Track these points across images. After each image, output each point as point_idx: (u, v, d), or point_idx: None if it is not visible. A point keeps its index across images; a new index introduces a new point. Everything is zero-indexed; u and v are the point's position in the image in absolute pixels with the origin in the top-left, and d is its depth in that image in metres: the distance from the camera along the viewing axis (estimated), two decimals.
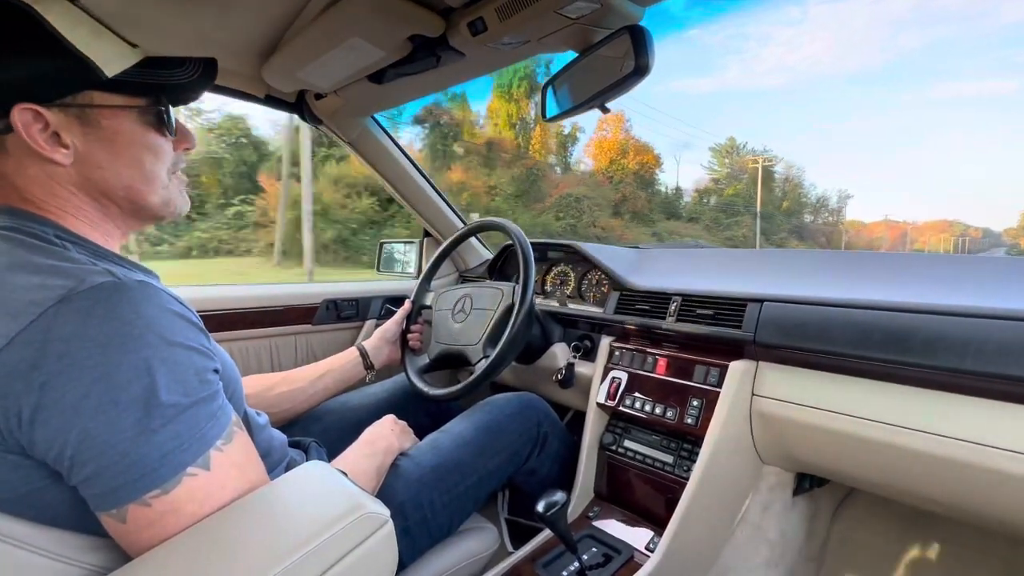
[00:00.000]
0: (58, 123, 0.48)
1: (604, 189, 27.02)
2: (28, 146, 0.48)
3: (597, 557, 0.87)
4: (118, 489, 0.42)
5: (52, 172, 0.50)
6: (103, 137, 0.51)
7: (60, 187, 0.51)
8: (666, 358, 1.00)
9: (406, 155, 1.44)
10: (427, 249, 1.65)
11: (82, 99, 0.49)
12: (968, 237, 68.71)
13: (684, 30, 67.76)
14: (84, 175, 0.51)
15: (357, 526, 0.46)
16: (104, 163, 0.52)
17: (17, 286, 0.43)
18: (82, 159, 0.50)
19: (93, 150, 0.51)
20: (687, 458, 0.92)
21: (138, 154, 0.54)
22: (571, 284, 1.36)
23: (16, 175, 0.50)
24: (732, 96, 79.39)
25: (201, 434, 0.46)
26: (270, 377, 0.95)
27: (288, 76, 1.04)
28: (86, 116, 0.50)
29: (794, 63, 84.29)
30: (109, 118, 0.51)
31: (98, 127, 0.51)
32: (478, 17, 0.78)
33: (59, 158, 0.49)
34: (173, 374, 0.45)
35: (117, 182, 0.53)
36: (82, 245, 0.50)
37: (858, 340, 0.75)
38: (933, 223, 74.17)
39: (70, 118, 0.49)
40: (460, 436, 0.90)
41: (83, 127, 0.50)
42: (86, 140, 0.50)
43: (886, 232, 63.81)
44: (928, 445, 0.69)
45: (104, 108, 0.51)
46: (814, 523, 1.05)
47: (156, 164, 0.55)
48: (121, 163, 0.53)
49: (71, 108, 0.49)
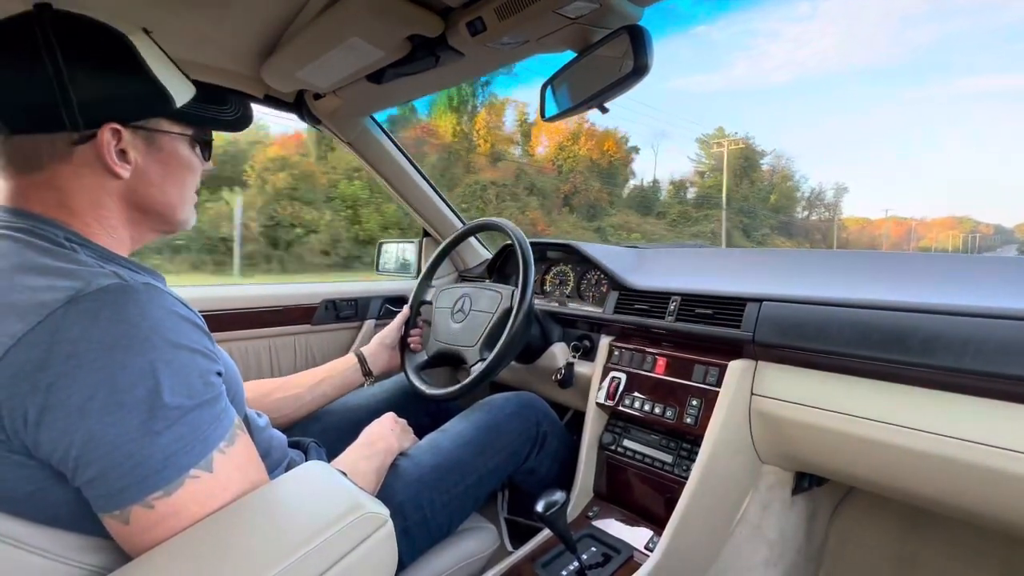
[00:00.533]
0: (129, 142, 0.53)
1: (549, 178, 24.11)
2: (97, 159, 0.51)
3: (596, 557, 0.88)
4: (122, 491, 0.42)
5: (106, 184, 0.53)
6: (161, 159, 0.56)
7: (107, 197, 0.54)
8: (665, 358, 1.00)
9: (405, 155, 1.44)
10: (426, 249, 1.65)
11: (153, 124, 0.55)
12: (979, 234, 66.95)
13: (690, 27, 67.17)
14: (135, 190, 0.55)
15: (357, 526, 0.46)
16: (156, 181, 0.56)
17: (25, 287, 0.43)
18: (138, 174, 0.54)
19: (150, 168, 0.55)
20: (686, 457, 0.92)
21: (183, 176, 0.59)
22: (570, 284, 1.36)
23: (67, 182, 0.51)
24: (739, 94, 78.92)
25: (204, 436, 0.46)
26: (268, 383, 0.95)
27: (287, 76, 1.04)
28: (152, 139, 0.55)
29: (803, 59, 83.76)
30: (169, 142, 0.57)
31: (160, 149, 0.56)
32: (477, 17, 0.78)
33: (122, 172, 0.53)
34: (177, 376, 0.45)
35: (161, 199, 0.58)
36: (90, 248, 0.51)
37: (857, 339, 0.75)
38: (941, 220, 72.29)
39: (138, 139, 0.54)
40: (459, 436, 0.91)
41: (148, 147, 0.55)
42: (146, 159, 0.55)
43: (890, 229, 62.76)
44: (927, 444, 0.69)
45: (168, 134, 0.56)
46: (813, 522, 1.05)
47: (192, 184, 0.61)
48: (168, 182, 0.58)
49: (143, 131, 0.54)
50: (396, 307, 1.57)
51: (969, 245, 64.38)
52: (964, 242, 64.33)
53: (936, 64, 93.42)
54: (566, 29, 0.78)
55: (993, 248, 58.95)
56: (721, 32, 79.07)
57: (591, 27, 0.78)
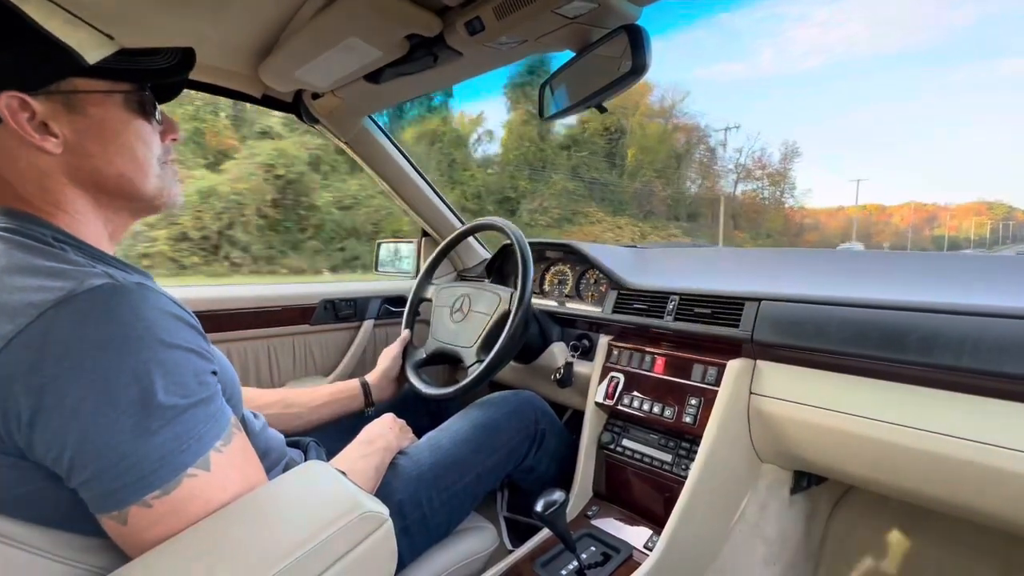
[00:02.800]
0: (45, 112, 0.48)
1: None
2: (18, 137, 0.48)
3: (596, 556, 0.88)
4: (118, 491, 0.42)
5: (43, 165, 0.50)
6: (91, 125, 0.51)
7: (52, 180, 0.50)
8: (664, 357, 1.00)
9: (404, 155, 1.44)
10: (425, 249, 1.65)
11: (66, 86, 0.49)
12: (1013, 221, 63.75)
13: (713, 15, 65.53)
14: (75, 165, 0.51)
15: (356, 525, 0.46)
16: (95, 151, 0.51)
17: (15, 288, 0.43)
18: (72, 148, 0.50)
19: (83, 139, 0.51)
20: (685, 457, 0.93)
21: (128, 141, 0.53)
22: (569, 283, 1.36)
23: (8, 170, 0.49)
24: (765, 81, 77.01)
25: (200, 435, 0.46)
26: (268, 395, 0.94)
27: (285, 76, 1.03)
28: (72, 103, 0.50)
29: (832, 44, 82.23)
30: (96, 105, 0.51)
31: (85, 115, 0.51)
32: (475, 17, 0.78)
33: (49, 147, 0.49)
34: (171, 376, 0.45)
35: (109, 170, 0.53)
36: (79, 247, 0.50)
37: (855, 338, 0.75)
38: (969, 205, 68.61)
39: (56, 106, 0.49)
40: (458, 434, 0.91)
41: (70, 115, 0.50)
42: (75, 129, 0.50)
43: (908, 215, 60.11)
44: (925, 443, 0.69)
45: (89, 94, 0.51)
46: (812, 521, 1.06)
47: (146, 151, 0.55)
48: (112, 150, 0.52)
49: (56, 95, 0.49)
50: (395, 307, 1.57)
51: (1001, 233, 60.63)
52: (992, 230, 60.25)
53: (977, 46, 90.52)
54: (564, 29, 0.78)
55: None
56: (745, 19, 77.12)
57: (589, 27, 0.78)
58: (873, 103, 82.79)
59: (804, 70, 79.48)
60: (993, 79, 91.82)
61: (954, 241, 58.71)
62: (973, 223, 64.20)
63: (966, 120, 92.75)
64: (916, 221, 61.01)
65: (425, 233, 1.64)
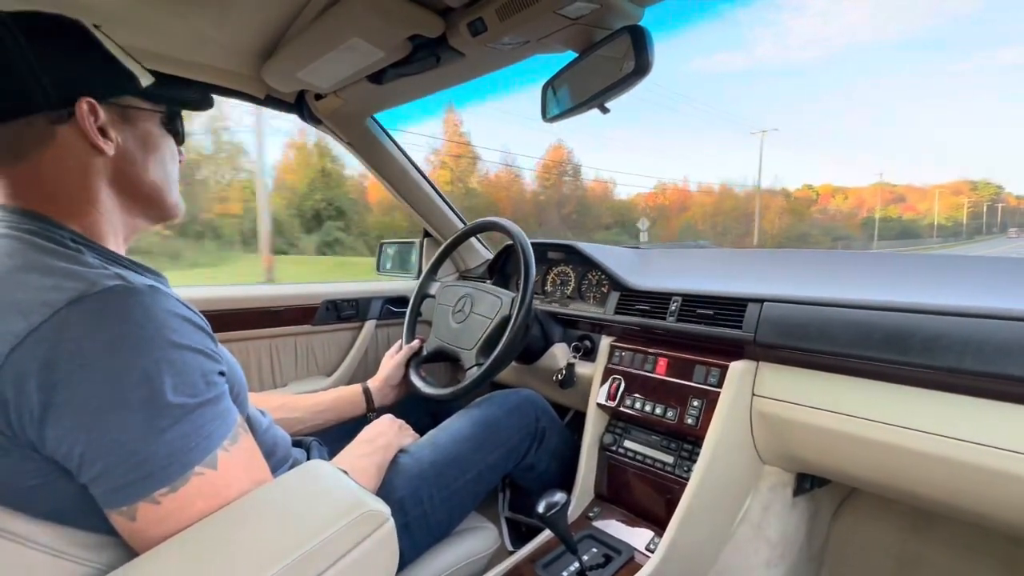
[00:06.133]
0: (107, 119, 0.54)
1: None
2: (81, 136, 0.52)
3: (597, 557, 0.87)
4: (128, 486, 0.43)
5: (90, 165, 0.54)
6: (139, 136, 0.58)
7: (94, 179, 0.55)
8: (666, 358, 1.00)
9: (406, 155, 1.44)
10: (427, 249, 1.65)
11: (125, 101, 0.57)
12: (1003, 204, 58.04)
13: (714, 6, 64.79)
14: (120, 169, 0.56)
15: (358, 524, 0.47)
16: (138, 160, 0.58)
17: (30, 287, 0.44)
18: (121, 154, 0.56)
19: (131, 147, 0.57)
20: (687, 458, 0.92)
21: (163, 155, 0.61)
22: (571, 284, 1.36)
23: (52, 167, 0.52)
24: (763, 72, 76.74)
25: (208, 434, 0.47)
26: (271, 399, 0.95)
27: (288, 77, 1.04)
28: (127, 116, 0.57)
29: (831, 35, 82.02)
30: (144, 121, 0.59)
31: (136, 127, 0.58)
32: (478, 17, 0.78)
33: (107, 148, 0.54)
34: (180, 376, 0.46)
35: (146, 179, 0.59)
36: (95, 250, 0.52)
37: (858, 340, 0.75)
38: (948, 185, 62.19)
39: (115, 116, 0.56)
40: (458, 432, 0.91)
41: (124, 125, 0.57)
42: (126, 137, 0.56)
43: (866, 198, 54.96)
44: (928, 445, 0.69)
45: (140, 111, 0.58)
46: (815, 523, 1.05)
47: (174, 167, 0.63)
48: (151, 161, 0.59)
49: (115, 107, 0.56)
50: (397, 307, 1.58)
51: (986, 219, 51.91)
52: (974, 214, 52.77)
53: (978, 35, 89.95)
54: (567, 29, 0.78)
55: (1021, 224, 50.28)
56: (743, 9, 76.49)
57: (592, 27, 0.78)
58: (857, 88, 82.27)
59: (803, 60, 79.03)
60: (992, 65, 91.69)
61: (906, 227, 52.48)
62: (950, 205, 56.16)
63: (961, 105, 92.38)
64: (873, 203, 56.81)
65: (427, 233, 1.64)
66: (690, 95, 57.87)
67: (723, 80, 70.63)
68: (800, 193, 53.72)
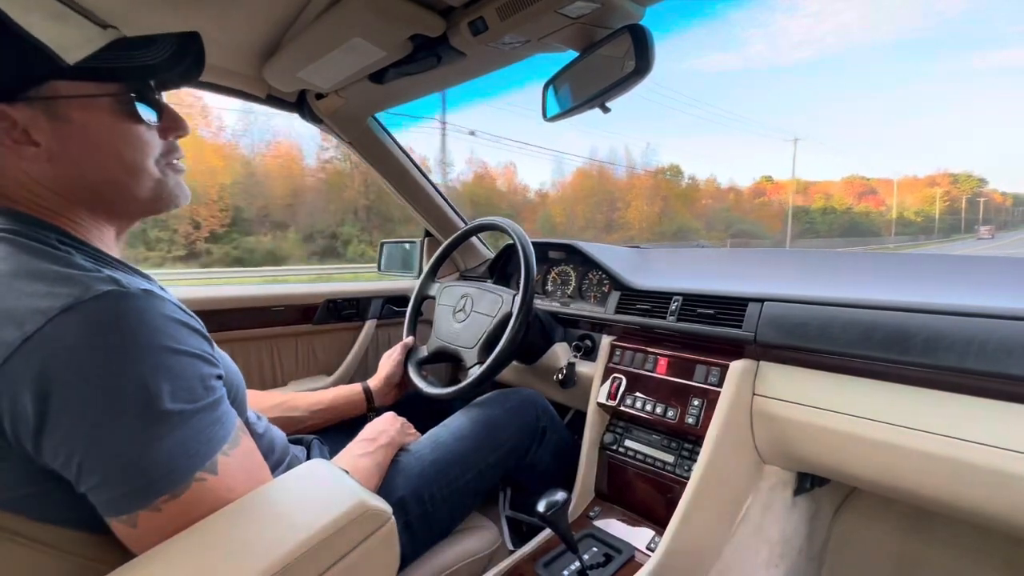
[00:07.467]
0: (25, 120, 0.46)
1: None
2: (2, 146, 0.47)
3: (598, 557, 0.87)
4: (128, 495, 0.43)
5: (33, 172, 0.48)
6: (74, 132, 0.48)
7: (41, 188, 0.49)
8: (667, 358, 1.00)
9: (407, 155, 1.44)
10: (428, 249, 1.65)
11: (47, 91, 0.46)
12: (985, 198, 53.30)
13: (711, 7, 64.28)
14: (61, 174, 0.49)
15: (359, 524, 0.47)
16: (80, 159, 0.49)
17: (22, 293, 0.42)
18: (56, 157, 0.48)
19: (66, 146, 0.48)
20: (688, 458, 0.92)
21: (116, 146, 0.51)
22: (572, 284, 1.36)
23: (1, 176, 0.48)
24: (755, 73, 76.52)
25: (207, 439, 0.46)
26: (269, 397, 0.95)
27: (289, 76, 1.04)
28: (53, 110, 0.47)
29: (823, 35, 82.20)
30: (80, 110, 0.48)
31: (68, 121, 0.48)
32: (479, 17, 0.78)
33: (30, 157, 0.47)
34: (178, 381, 0.45)
35: (97, 177, 0.51)
36: (85, 251, 0.50)
37: (859, 340, 0.75)
38: (927, 178, 56.44)
39: (36, 112, 0.46)
40: (459, 430, 0.91)
41: (52, 122, 0.47)
42: (56, 136, 0.48)
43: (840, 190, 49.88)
44: (929, 445, 0.69)
45: (72, 99, 0.48)
46: (815, 523, 1.05)
47: (138, 155, 0.52)
48: (99, 157, 0.50)
49: (36, 102, 0.46)
50: (397, 307, 1.58)
51: (965, 215, 46.49)
52: (951, 209, 47.26)
53: (966, 37, 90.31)
54: (568, 29, 0.78)
55: (1013, 223, 45.64)
56: (737, 8, 76.48)
57: (593, 27, 0.78)
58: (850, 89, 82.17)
59: (796, 61, 79.13)
60: (978, 64, 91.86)
61: (856, 222, 45.03)
62: (916, 199, 50.27)
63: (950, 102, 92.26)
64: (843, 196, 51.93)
65: (428, 233, 1.64)
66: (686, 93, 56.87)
67: (721, 80, 70.40)
68: (757, 186, 50.40)
